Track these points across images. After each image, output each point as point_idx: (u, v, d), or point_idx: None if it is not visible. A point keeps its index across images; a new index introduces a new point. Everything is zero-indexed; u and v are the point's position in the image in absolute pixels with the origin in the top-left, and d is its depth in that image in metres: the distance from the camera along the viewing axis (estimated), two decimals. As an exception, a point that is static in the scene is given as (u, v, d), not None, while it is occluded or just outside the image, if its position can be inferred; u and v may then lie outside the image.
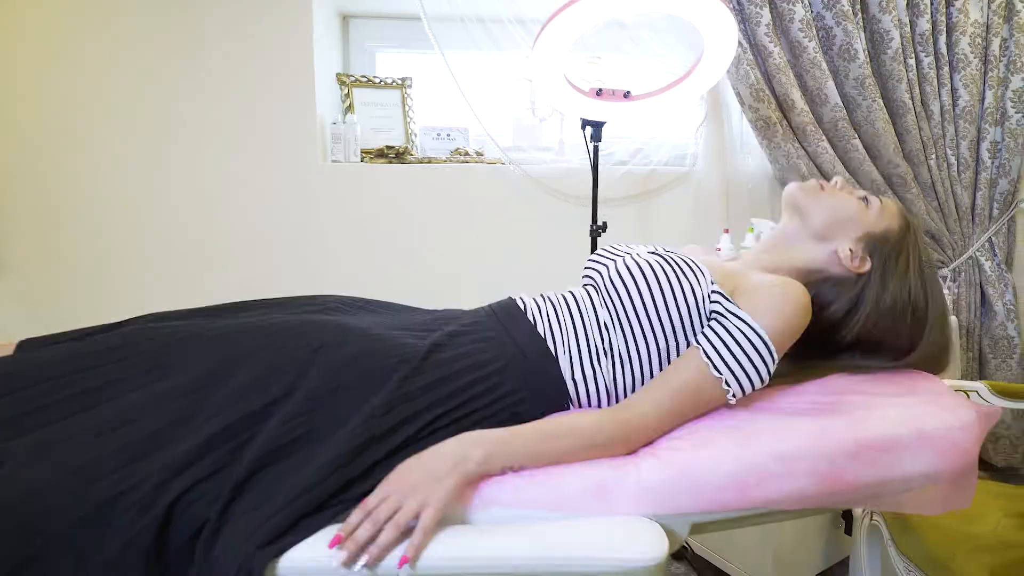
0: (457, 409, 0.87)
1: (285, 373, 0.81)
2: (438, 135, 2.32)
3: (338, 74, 2.23)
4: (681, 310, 0.93)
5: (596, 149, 1.69)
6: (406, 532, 0.71)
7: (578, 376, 0.97)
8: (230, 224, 2.08)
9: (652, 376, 0.97)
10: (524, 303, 1.04)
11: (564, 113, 2.17)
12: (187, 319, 1.01)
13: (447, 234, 2.14)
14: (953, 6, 2.02)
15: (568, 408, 1.00)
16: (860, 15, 1.99)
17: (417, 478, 0.73)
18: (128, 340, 0.89)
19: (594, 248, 1.79)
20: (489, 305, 1.08)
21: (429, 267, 2.14)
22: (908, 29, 2.00)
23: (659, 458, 0.83)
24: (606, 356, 0.97)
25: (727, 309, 0.91)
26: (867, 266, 1.02)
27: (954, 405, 0.94)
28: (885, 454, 0.87)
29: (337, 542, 0.69)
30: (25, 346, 1.02)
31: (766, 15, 1.94)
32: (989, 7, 2.04)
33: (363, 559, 0.68)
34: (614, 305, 0.96)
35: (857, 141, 2.03)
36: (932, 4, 2.01)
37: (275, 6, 2.01)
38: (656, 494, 0.81)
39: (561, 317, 1.00)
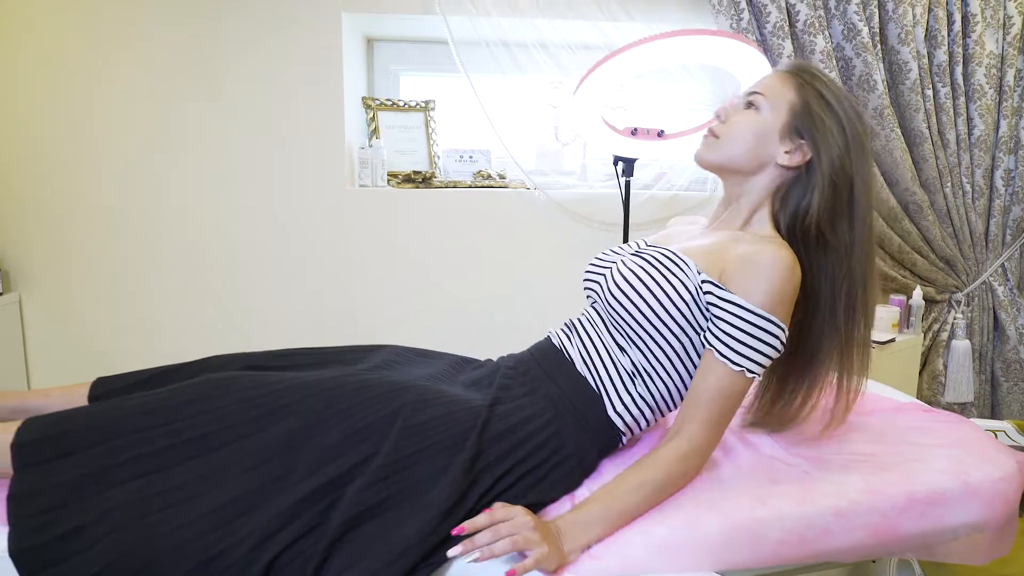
0: (521, 464, 0.90)
1: (369, 434, 0.85)
2: (460, 157, 2.35)
3: (364, 98, 2.26)
4: (680, 307, 0.95)
5: (628, 184, 1.73)
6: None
7: (620, 408, 1.00)
8: (257, 246, 2.11)
9: (679, 375, 1.00)
10: (560, 342, 1.07)
11: (588, 140, 2.20)
12: (257, 365, 1.04)
13: (474, 258, 2.17)
14: (970, 38, 2.06)
15: (621, 440, 1.03)
16: (879, 47, 2.03)
17: (535, 523, 0.79)
18: (207, 393, 0.90)
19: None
20: (529, 350, 1.11)
21: (457, 290, 2.18)
22: (926, 60, 2.05)
23: (720, 513, 0.87)
24: (635, 376, 1.00)
25: (721, 298, 0.92)
26: (807, 150, 0.99)
27: (996, 455, 0.99)
28: (934, 507, 0.92)
29: (460, 531, 0.78)
30: (99, 385, 1.05)
31: (788, 47, 1.98)
32: (1004, 39, 2.09)
33: (474, 554, 0.77)
34: (620, 324, 0.99)
35: (875, 169, 2.07)
36: (949, 36, 2.06)
37: (305, 31, 2.03)
38: (718, 549, 0.85)
39: (590, 350, 1.02)
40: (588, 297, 1.11)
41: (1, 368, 2.00)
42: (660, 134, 1.57)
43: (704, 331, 0.96)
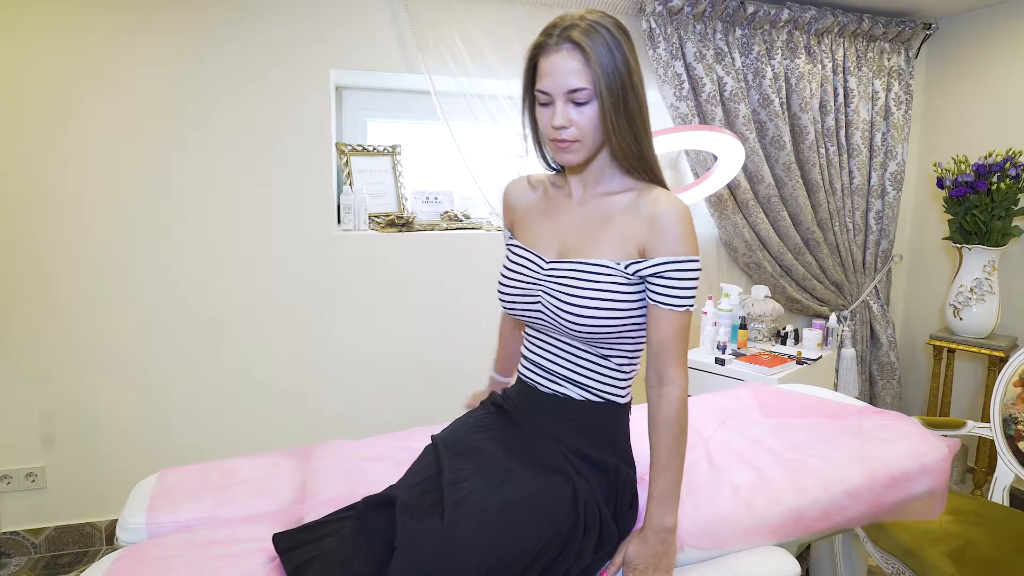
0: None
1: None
2: (427, 198, 2.53)
3: (337, 143, 2.37)
4: (629, 299, 1.02)
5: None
6: None
7: (625, 390, 1.10)
8: (246, 292, 2.16)
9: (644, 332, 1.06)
10: (543, 385, 1.11)
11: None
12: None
13: (455, 293, 2.36)
14: (849, 107, 2.58)
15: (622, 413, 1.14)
16: (786, 113, 2.49)
17: (658, 553, 1.00)
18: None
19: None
20: (523, 408, 1.15)
21: (443, 323, 2.35)
22: (820, 125, 2.54)
23: (779, 503, 1.16)
24: (624, 365, 1.07)
25: (650, 266, 0.99)
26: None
27: (936, 442, 1.37)
28: (905, 482, 1.27)
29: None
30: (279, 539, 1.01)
31: (719, 113, 2.38)
32: (873, 108, 2.63)
33: None
34: (595, 341, 1.04)
35: (785, 212, 2.53)
36: (835, 105, 2.56)
37: (292, 84, 2.13)
38: (777, 529, 1.14)
39: (577, 374, 1.08)
40: (528, 322, 1.12)
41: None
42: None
43: (644, 291, 1.02)
